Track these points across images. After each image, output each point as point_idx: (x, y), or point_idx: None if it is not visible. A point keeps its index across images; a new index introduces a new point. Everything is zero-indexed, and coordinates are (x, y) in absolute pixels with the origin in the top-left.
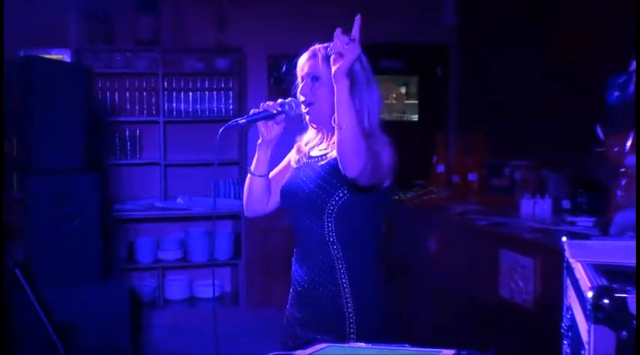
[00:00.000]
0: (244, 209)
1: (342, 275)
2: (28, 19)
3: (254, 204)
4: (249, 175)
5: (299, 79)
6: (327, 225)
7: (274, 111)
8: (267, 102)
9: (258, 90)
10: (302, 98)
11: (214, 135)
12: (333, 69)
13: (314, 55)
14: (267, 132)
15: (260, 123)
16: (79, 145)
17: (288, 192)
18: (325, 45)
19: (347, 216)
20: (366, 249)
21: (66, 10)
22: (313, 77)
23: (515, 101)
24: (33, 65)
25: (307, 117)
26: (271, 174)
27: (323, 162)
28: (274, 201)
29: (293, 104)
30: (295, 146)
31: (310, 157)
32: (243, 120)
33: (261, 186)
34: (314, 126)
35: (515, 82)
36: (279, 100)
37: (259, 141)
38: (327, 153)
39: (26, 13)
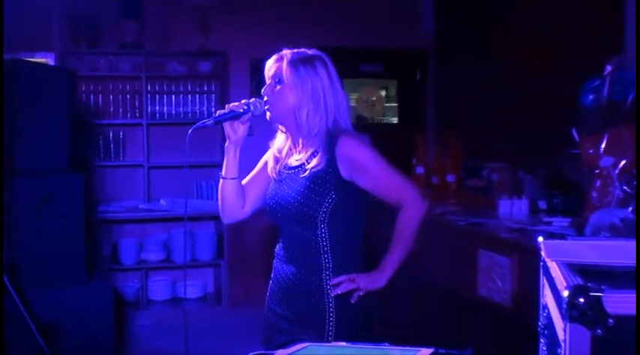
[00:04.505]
0: (221, 216)
1: (327, 275)
2: (12, 22)
3: (229, 209)
4: (221, 181)
5: (266, 80)
6: (321, 231)
7: (241, 111)
8: (233, 103)
9: (241, 93)
10: (265, 98)
11: (197, 137)
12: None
13: (280, 59)
14: (234, 132)
15: (226, 124)
16: (64, 147)
17: (277, 207)
18: (294, 50)
19: (338, 218)
20: (352, 249)
21: (50, 14)
22: (278, 79)
23: (491, 104)
24: (17, 68)
25: (268, 114)
26: (245, 180)
27: (305, 174)
28: (250, 205)
29: (257, 104)
30: (269, 153)
31: (289, 168)
32: (211, 121)
33: (234, 189)
34: (279, 128)
35: (492, 87)
36: (243, 101)
37: (227, 144)
38: (305, 164)
39: (10, 17)
